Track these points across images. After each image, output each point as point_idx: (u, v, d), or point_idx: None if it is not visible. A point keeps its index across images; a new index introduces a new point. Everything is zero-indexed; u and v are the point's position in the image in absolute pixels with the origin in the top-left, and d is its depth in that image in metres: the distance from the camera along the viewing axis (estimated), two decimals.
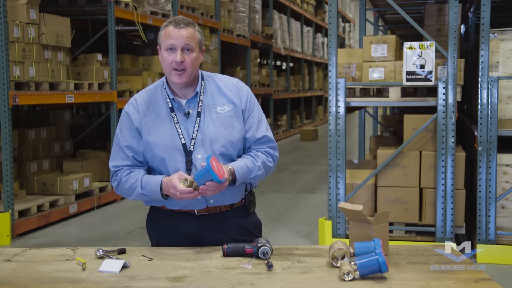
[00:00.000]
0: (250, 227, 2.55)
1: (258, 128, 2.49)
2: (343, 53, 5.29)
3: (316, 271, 2.14)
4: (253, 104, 2.51)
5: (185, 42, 2.36)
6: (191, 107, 2.44)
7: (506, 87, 4.83)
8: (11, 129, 5.73)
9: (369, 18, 7.96)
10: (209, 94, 2.46)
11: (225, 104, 2.45)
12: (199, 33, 2.41)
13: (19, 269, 2.20)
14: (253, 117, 2.49)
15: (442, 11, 5.68)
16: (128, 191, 2.43)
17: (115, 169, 2.47)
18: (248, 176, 2.41)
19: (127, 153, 2.44)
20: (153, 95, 2.48)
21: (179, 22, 2.38)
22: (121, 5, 7.66)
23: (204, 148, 2.39)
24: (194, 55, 2.38)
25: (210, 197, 2.42)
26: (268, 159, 2.48)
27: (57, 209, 6.48)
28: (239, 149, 2.47)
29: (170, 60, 2.37)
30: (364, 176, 5.09)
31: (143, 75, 8.32)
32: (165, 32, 2.40)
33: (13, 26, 5.84)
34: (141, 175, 2.42)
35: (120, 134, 2.47)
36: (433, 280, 2.05)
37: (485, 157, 4.76)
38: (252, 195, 2.53)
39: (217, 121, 2.42)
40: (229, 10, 11.50)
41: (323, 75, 20.96)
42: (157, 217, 2.53)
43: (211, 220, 2.46)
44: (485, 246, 4.75)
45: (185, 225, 2.46)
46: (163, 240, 2.51)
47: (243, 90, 2.50)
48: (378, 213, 2.33)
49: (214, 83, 2.50)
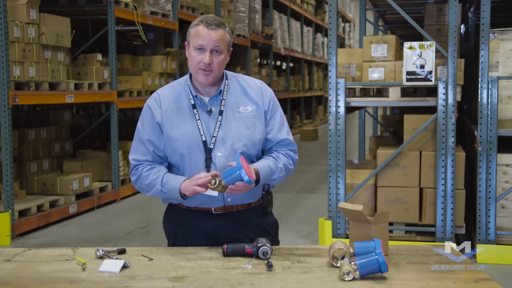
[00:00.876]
0: (267, 226, 2.54)
1: (280, 130, 2.48)
2: (343, 53, 5.29)
3: (316, 271, 2.14)
4: (276, 106, 2.51)
5: (215, 44, 2.34)
6: (214, 105, 2.44)
7: (506, 87, 4.83)
8: (11, 129, 5.73)
9: (369, 18, 7.96)
10: (232, 94, 2.46)
11: (248, 104, 2.45)
12: (228, 35, 2.41)
13: (19, 269, 2.20)
14: (275, 119, 2.48)
15: (442, 11, 5.68)
16: (147, 187, 2.43)
17: (135, 163, 2.47)
18: (270, 178, 2.40)
19: (148, 148, 2.45)
20: (176, 91, 2.48)
21: (211, 23, 2.35)
22: (121, 5, 7.66)
23: (225, 146, 2.39)
24: (222, 57, 2.38)
25: (228, 196, 2.41)
26: (289, 161, 2.48)
27: (57, 209, 6.48)
28: (259, 150, 2.47)
29: (198, 60, 2.36)
30: (364, 176, 5.09)
31: (143, 75, 8.33)
32: (196, 31, 2.37)
33: (13, 26, 5.84)
34: (162, 172, 2.42)
35: (141, 128, 2.47)
36: (433, 280, 2.05)
37: (485, 157, 4.76)
38: (269, 195, 2.53)
39: (239, 121, 2.42)
40: (229, 10, 11.50)
41: (323, 75, 20.96)
42: (174, 215, 2.53)
43: (228, 219, 2.45)
44: (485, 246, 4.75)
45: (201, 223, 2.46)
46: (179, 238, 2.51)
47: (266, 91, 2.50)
48: (378, 213, 2.33)
49: (238, 83, 2.50)
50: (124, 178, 7.97)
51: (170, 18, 8.99)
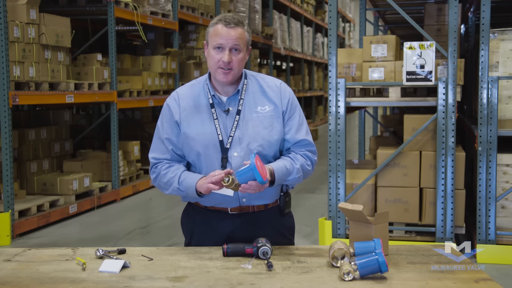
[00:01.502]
0: (283, 229, 2.53)
1: (298, 130, 2.47)
2: (343, 53, 5.29)
3: (316, 271, 2.14)
4: (295, 107, 2.49)
5: (234, 42, 2.34)
6: (232, 104, 2.44)
7: (506, 87, 4.83)
8: (11, 129, 5.73)
9: (369, 18, 7.96)
10: (250, 93, 2.46)
11: (265, 104, 2.45)
12: (247, 33, 2.40)
13: (19, 269, 2.20)
14: (293, 119, 2.47)
15: (442, 11, 5.68)
16: (166, 185, 2.44)
17: (155, 161, 2.48)
18: (287, 178, 2.39)
19: (167, 146, 2.45)
20: (195, 90, 2.48)
21: (230, 22, 2.35)
22: (121, 5, 7.66)
23: (241, 146, 2.39)
24: (241, 56, 2.37)
25: (243, 196, 2.41)
26: (307, 162, 2.46)
27: (57, 209, 6.48)
28: (276, 151, 2.45)
29: (217, 59, 2.36)
30: (364, 176, 5.09)
31: (143, 75, 8.33)
32: (214, 30, 2.37)
33: (13, 26, 5.84)
34: (180, 171, 2.42)
35: (161, 127, 2.48)
36: (433, 280, 2.05)
37: (485, 157, 4.76)
38: (287, 196, 2.52)
39: (256, 121, 2.42)
40: (229, 10, 11.50)
41: (323, 75, 20.95)
42: (192, 214, 2.54)
43: (244, 219, 2.45)
44: (485, 246, 4.75)
45: (217, 223, 2.46)
46: (196, 237, 2.52)
47: (285, 91, 2.49)
48: (378, 213, 2.33)
49: (257, 82, 2.49)
50: (124, 178, 7.97)
51: (170, 18, 8.99)
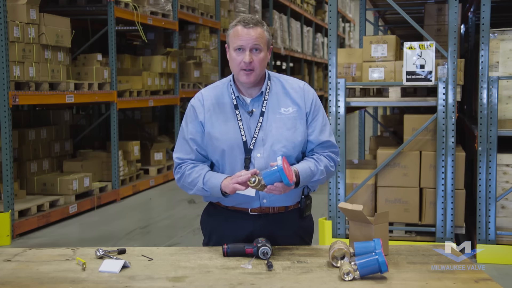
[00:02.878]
0: (301, 232, 2.53)
1: (321, 132, 2.47)
2: (343, 53, 5.29)
3: (316, 271, 2.14)
4: (318, 108, 2.50)
5: (254, 42, 2.35)
6: (255, 106, 2.44)
7: (506, 87, 4.83)
8: (11, 129, 5.73)
9: (369, 18, 7.96)
10: (274, 95, 2.46)
11: (289, 106, 2.45)
12: (267, 33, 2.41)
13: (19, 269, 2.20)
14: (317, 120, 2.47)
15: (442, 11, 5.68)
16: (190, 185, 2.45)
17: (179, 161, 2.49)
18: (311, 180, 2.39)
19: (191, 146, 2.46)
20: (219, 91, 2.49)
21: (248, 22, 2.36)
22: (121, 5, 7.66)
23: (264, 147, 2.39)
24: (262, 55, 2.38)
25: (264, 197, 2.41)
26: (330, 163, 2.47)
27: (57, 209, 6.48)
28: (299, 152, 2.46)
29: (239, 61, 2.37)
30: (364, 176, 5.09)
31: (143, 75, 8.33)
32: (234, 32, 2.38)
33: (13, 26, 5.84)
34: (204, 171, 2.42)
35: (185, 127, 2.49)
36: (433, 280, 2.05)
37: (485, 157, 4.76)
38: (308, 199, 2.52)
39: (280, 122, 2.42)
40: (229, 10, 11.50)
41: (323, 75, 20.94)
42: (212, 213, 2.55)
43: (263, 221, 2.45)
44: (485, 246, 4.75)
45: (237, 223, 2.46)
46: (215, 236, 2.52)
47: (309, 93, 2.49)
48: (378, 213, 2.33)
49: (280, 83, 2.50)
50: (124, 178, 7.97)
51: (170, 18, 8.99)
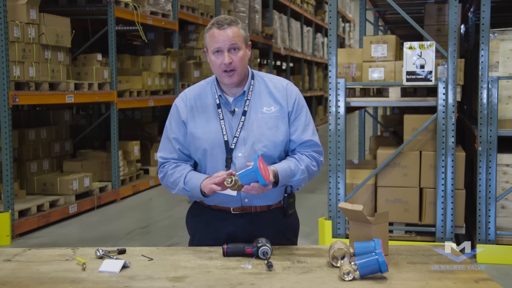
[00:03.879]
0: (285, 230, 2.53)
1: (304, 131, 2.47)
2: (343, 53, 5.29)
3: (316, 271, 2.14)
4: (301, 107, 2.50)
5: (231, 42, 2.35)
6: (238, 105, 2.45)
7: (506, 87, 4.83)
8: (11, 129, 5.73)
9: (369, 18, 7.96)
10: (256, 94, 2.47)
11: (271, 105, 2.45)
12: (243, 30, 2.41)
13: (19, 269, 2.20)
14: (299, 120, 2.47)
15: (442, 11, 5.68)
16: (172, 185, 2.46)
17: (162, 160, 2.50)
18: (291, 179, 2.39)
19: (174, 146, 2.47)
20: (202, 90, 2.50)
21: (222, 23, 2.36)
22: (121, 5, 7.66)
23: (246, 147, 2.40)
24: (241, 53, 2.38)
25: (245, 196, 2.42)
26: (312, 163, 2.46)
27: (57, 209, 6.48)
28: (281, 151, 2.45)
29: (219, 63, 2.37)
30: (364, 176, 5.09)
31: (143, 75, 8.33)
32: (210, 35, 2.38)
33: (13, 26, 5.84)
34: (186, 171, 2.43)
35: (169, 127, 2.51)
36: (433, 280, 2.05)
37: (485, 157, 4.76)
38: (291, 197, 2.51)
39: (261, 121, 2.42)
40: (229, 10, 11.50)
41: (323, 75, 20.95)
42: (196, 212, 2.56)
43: (246, 220, 2.45)
44: (485, 246, 4.75)
45: (219, 222, 2.47)
46: (198, 236, 2.53)
47: (291, 92, 2.49)
48: (378, 213, 2.33)
49: (264, 83, 2.50)
50: (124, 178, 7.97)
51: (170, 18, 8.99)
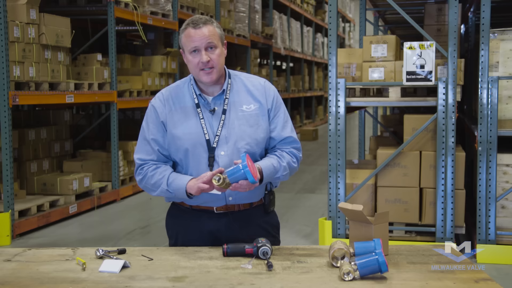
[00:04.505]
0: (268, 226, 2.54)
1: (283, 128, 2.49)
2: (343, 53, 5.29)
3: (316, 271, 2.14)
4: (279, 105, 2.51)
5: (208, 40, 2.36)
6: (217, 104, 2.45)
7: (506, 87, 4.83)
8: (11, 129, 5.73)
9: (369, 18, 7.96)
10: (235, 92, 2.47)
11: (251, 103, 2.46)
12: (218, 28, 2.42)
13: (19, 269, 2.20)
14: (278, 117, 2.49)
15: (442, 11, 5.68)
16: (153, 187, 2.44)
17: (140, 162, 2.47)
18: (274, 176, 2.40)
19: (153, 147, 2.46)
20: (180, 91, 2.49)
21: (197, 22, 2.37)
22: (121, 5, 7.66)
23: (228, 145, 2.40)
24: (218, 51, 2.39)
25: (229, 195, 2.42)
26: (292, 159, 2.48)
27: (57, 209, 6.48)
28: (262, 149, 2.47)
29: (196, 62, 2.37)
30: (364, 176, 5.09)
31: (143, 75, 8.33)
32: (186, 35, 2.39)
33: (13, 26, 5.84)
34: (168, 172, 2.42)
35: (146, 128, 2.49)
36: (433, 280, 2.05)
37: (485, 157, 4.76)
38: (272, 194, 2.53)
39: (242, 119, 2.43)
40: (229, 10, 11.50)
41: (323, 75, 20.95)
42: (177, 214, 2.54)
43: (230, 218, 2.45)
44: (485, 246, 4.75)
45: (203, 222, 2.46)
46: (181, 238, 2.51)
47: (269, 90, 2.51)
48: (378, 213, 2.33)
49: (241, 81, 2.51)
50: (124, 178, 7.97)
51: (170, 18, 8.99)
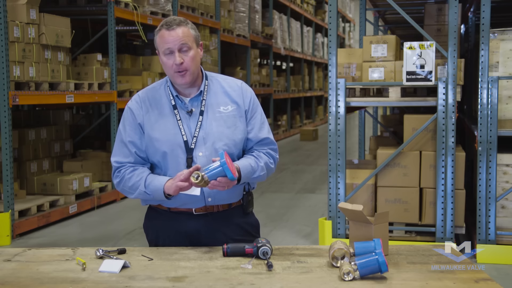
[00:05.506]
0: (248, 227, 2.55)
1: (260, 129, 2.50)
2: (343, 53, 5.29)
3: (316, 271, 2.14)
4: (256, 106, 2.53)
5: (181, 42, 2.36)
6: (194, 105, 2.45)
7: (506, 87, 4.83)
8: (11, 129, 5.73)
9: (369, 18, 7.96)
10: (212, 94, 2.48)
11: (228, 104, 2.47)
12: (192, 30, 2.41)
13: (19, 269, 2.20)
14: (255, 118, 2.50)
15: (442, 11, 5.68)
16: (131, 189, 2.43)
17: (117, 165, 2.46)
18: (251, 176, 2.41)
19: (130, 149, 2.45)
20: (156, 92, 2.49)
21: (171, 24, 2.37)
22: (121, 5, 7.66)
23: (206, 146, 2.40)
24: (192, 53, 2.39)
25: (208, 196, 2.42)
26: (270, 160, 2.50)
27: (57, 209, 6.48)
28: (240, 150, 2.48)
29: (170, 64, 2.37)
30: (364, 176, 5.09)
31: (143, 75, 8.33)
32: (160, 36, 2.39)
33: (13, 26, 5.84)
34: (145, 174, 2.42)
35: (123, 130, 2.48)
36: (433, 280, 2.05)
37: (485, 157, 4.76)
38: (250, 195, 2.54)
39: (220, 120, 2.43)
40: (229, 10, 11.50)
41: (323, 75, 20.96)
42: (155, 217, 2.53)
43: (209, 219, 2.46)
44: (485, 246, 4.75)
45: (183, 224, 2.46)
46: (161, 240, 2.51)
47: (246, 91, 2.52)
48: (378, 213, 2.33)
49: (218, 83, 2.52)
50: None
51: None
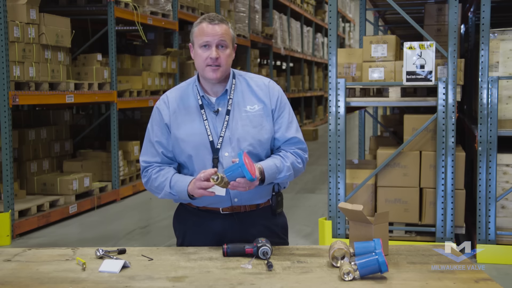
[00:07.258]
0: (276, 228, 2.53)
1: (288, 128, 2.47)
2: (343, 53, 5.29)
3: (316, 271, 2.14)
4: (284, 105, 2.50)
5: (220, 38, 2.36)
6: (221, 104, 2.44)
7: (506, 87, 4.83)
8: (11, 129, 5.73)
9: (369, 18, 7.96)
10: (239, 93, 2.47)
11: (254, 103, 2.45)
12: (232, 30, 2.42)
13: (19, 269, 2.20)
14: (283, 117, 2.47)
15: (442, 11, 5.68)
16: (157, 189, 2.45)
17: (145, 164, 2.48)
18: (277, 176, 2.38)
19: (157, 149, 2.46)
20: (184, 92, 2.49)
21: (213, 19, 2.37)
22: (121, 5, 7.66)
23: (232, 146, 2.39)
24: (228, 52, 2.39)
25: (235, 196, 2.41)
26: (297, 160, 2.46)
27: (57, 209, 6.48)
28: (267, 149, 2.46)
29: (205, 57, 2.37)
30: (364, 176, 5.09)
31: (143, 75, 8.33)
32: (199, 29, 2.38)
33: (13, 26, 5.84)
34: (170, 174, 2.42)
35: (151, 130, 2.49)
36: (433, 280, 2.05)
37: (485, 157, 4.76)
38: (279, 196, 2.52)
39: (246, 120, 2.42)
40: (229, 10, 11.50)
41: (323, 75, 20.95)
42: (184, 215, 2.54)
43: (235, 219, 2.45)
44: (485, 246, 4.75)
45: (210, 223, 2.46)
46: (188, 238, 2.52)
47: (274, 90, 2.50)
48: (378, 213, 2.33)
49: (245, 81, 2.50)
50: (124, 178, 7.97)
51: (170, 18, 8.99)
